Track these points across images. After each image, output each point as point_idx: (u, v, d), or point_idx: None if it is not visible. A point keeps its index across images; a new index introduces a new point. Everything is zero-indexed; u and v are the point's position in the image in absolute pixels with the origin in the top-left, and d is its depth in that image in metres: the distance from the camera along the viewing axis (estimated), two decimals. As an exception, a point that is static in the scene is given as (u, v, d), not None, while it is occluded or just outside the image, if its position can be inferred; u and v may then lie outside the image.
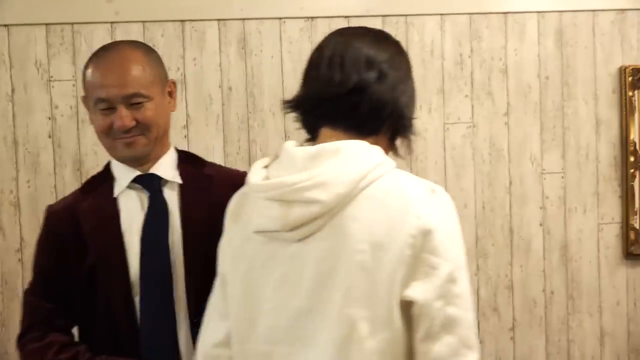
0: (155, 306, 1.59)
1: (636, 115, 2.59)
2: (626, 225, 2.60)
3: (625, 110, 2.59)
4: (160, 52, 2.36)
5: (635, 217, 2.60)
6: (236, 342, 1.36)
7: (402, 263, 1.22)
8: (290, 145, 1.32)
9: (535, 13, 2.56)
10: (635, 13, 2.60)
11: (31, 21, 2.31)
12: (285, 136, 2.43)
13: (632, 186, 2.60)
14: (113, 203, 1.64)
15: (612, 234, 2.61)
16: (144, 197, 1.64)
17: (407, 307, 1.24)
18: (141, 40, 2.37)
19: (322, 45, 1.38)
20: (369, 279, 1.23)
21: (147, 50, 1.67)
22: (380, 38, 1.38)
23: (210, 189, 1.66)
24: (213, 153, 2.41)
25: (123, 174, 1.65)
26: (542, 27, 2.56)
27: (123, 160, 1.63)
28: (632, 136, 2.59)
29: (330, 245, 1.25)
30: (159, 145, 1.65)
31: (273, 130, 2.44)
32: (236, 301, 1.36)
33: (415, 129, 1.36)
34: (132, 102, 1.57)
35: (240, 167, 2.38)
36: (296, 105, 1.37)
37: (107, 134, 1.60)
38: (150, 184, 1.63)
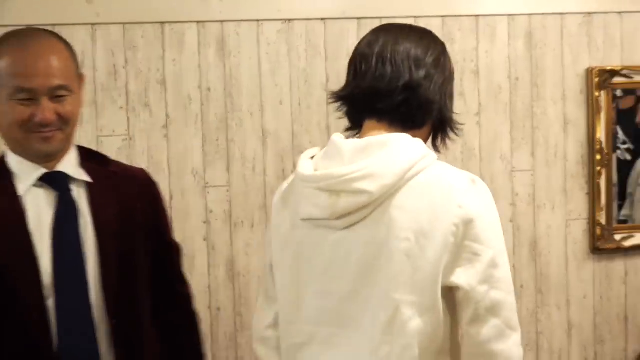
0: (72, 309, 1.51)
1: (602, 115, 2.68)
2: (593, 221, 2.69)
3: (592, 110, 2.67)
4: (140, 53, 2.43)
5: (601, 213, 2.69)
6: (283, 322, 1.45)
7: (445, 251, 1.30)
8: (338, 137, 1.40)
9: (506, 16, 2.63)
10: (601, 16, 2.68)
11: (11, 22, 2.32)
12: (263, 135, 2.48)
13: (599, 183, 2.69)
14: (17, 202, 1.53)
15: (579, 229, 2.70)
16: (52, 195, 1.55)
17: (450, 292, 1.32)
18: (121, 41, 2.42)
19: (370, 41, 1.45)
20: (413, 265, 1.31)
21: (67, 43, 1.60)
22: (428, 37, 1.46)
23: (118, 186, 1.62)
24: (192, 152, 2.46)
25: (25, 171, 1.55)
26: (512, 29, 2.64)
27: (35, 155, 1.54)
28: (598, 135, 2.68)
29: (376, 232, 1.33)
30: (69, 142, 1.59)
31: (251, 130, 2.49)
32: (284, 284, 1.44)
33: (456, 127, 1.47)
34: (56, 94, 1.50)
35: (220, 166, 2.46)
36: (347, 97, 1.44)
37: (22, 127, 1.50)
38: (58, 182, 1.56)
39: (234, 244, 2.49)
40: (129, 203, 1.52)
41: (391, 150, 1.33)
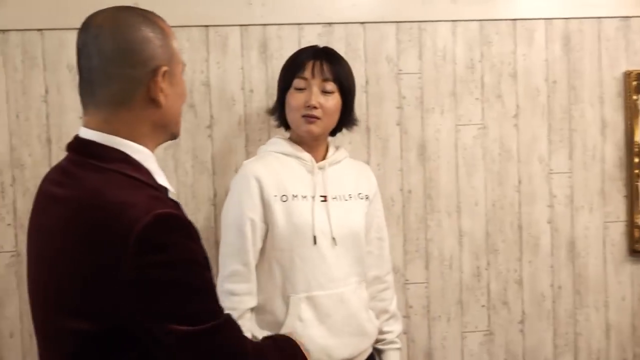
0: None
1: (640, 117, 2.69)
2: (631, 224, 2.70)
3: (630, 113, 2.69)
4: (185, 56, 2.50)
5: (639, 215, 2.69)
6: None
7: None
8: None
9: (543, 20, 2.66)
10: (638, 20, 2.70)
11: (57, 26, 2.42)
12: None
13: (637, 186, 2.70)
14: None
15: (617, 231, 2.71)
16: None
17: None
18: (168, 44, 2.49)
19: None
20: None
21: None
22: None
23: None
24: (236, 152, 2.52)
25: None
26: (549, 33, 2.67)
27: None
28: (636, 138, 2.69)
29: None
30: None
31: (292, 131, 2.54)
32: None
33: None
34: None
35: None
36: None
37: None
38: None
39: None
40: None
41: None
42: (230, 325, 1.37)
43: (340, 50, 2.53)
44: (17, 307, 2.45)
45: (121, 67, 1.38)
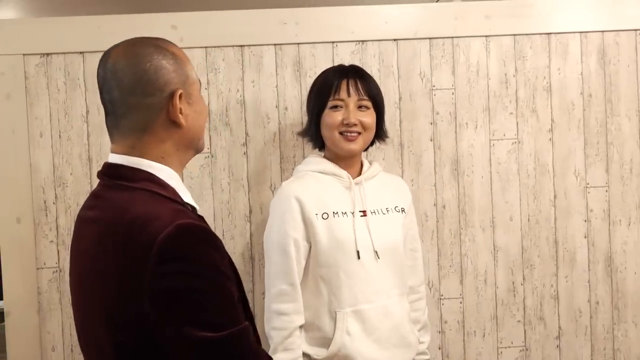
0: None
1: (679, 130, 2.65)
2: (670, 238, 2.66)
3: (668, 126, 2.66)
4: (221, 75, 2.56)
5: (679, 229, 2.65)
6: None
7: None
8: None
9: (578, 33, 2.65)
10: (676, 32, 2.67)
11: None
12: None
13: (676, 199, 2.66)
14: None
15: (656, 246, 2.68)
16: None
17: None
18: (204, 64, 2.56)
19: None
20: None
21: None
22: None
23: None
24: (270, 169, 2.56)
25: None
26: (584, 46, 2.65)
27: None
28: (675, 151, 2.65)
29: None
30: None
31: (326, 147, 2.57)
32: None
33: None
34: None
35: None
36: None
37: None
38: None
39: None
40: None
41: None
42: (246, 335, 1.41)
43: (374, 67, 2.58)
44: (60, 321, 2.52)
45: (140, 96, 1.45)
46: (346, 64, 2.36)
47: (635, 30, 2.67)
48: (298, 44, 2.58)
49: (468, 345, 2.63)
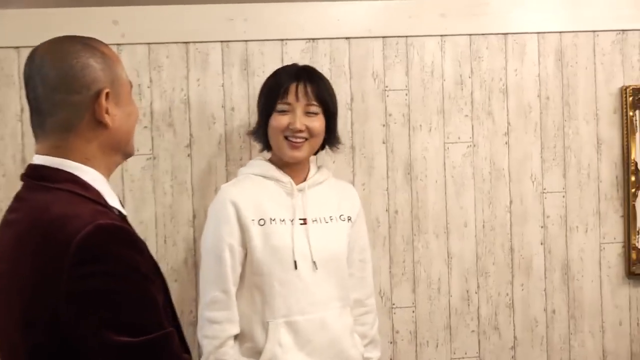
0: None
1: (637, 135, 2.59)
2: (628, 245, 2.60)
3: (627, 130, 2.59)
4: (164, 73, 2.45)
5: (637, 236, 2.59)
6: None
7: None
8: None
9: (536, 34, 2.58)
10: (636, 33, 2.62)
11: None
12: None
13: (634, 206, 2.60)
14: None
15: (614, 253, 2.61)
16: None
17: None
18: (146, 61, 2.44)
19: None
20: None
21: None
22: None
23: None
24: (216, 172, 2.45)
25: None
26: (542, 47, 2.58)
27: None
28: (633, 156, 2.59)
29: None
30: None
31: (275, 150, 2.47)
32: None
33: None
34: None
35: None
36: None
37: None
38: None
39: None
40: None
41: None
42: (170, 341, 1.35)
43: (325, 66, 2.48)
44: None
45: (65, 93, 1.40)
46: (297, 63, 2.27)
47: (594, 31, 2.60)
48: (246, 41, 2.48)
49: (420, 356, 2.54)
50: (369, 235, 2.35)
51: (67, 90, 1.40)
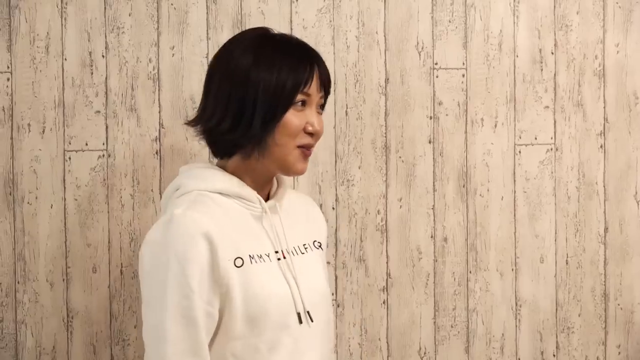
0: None
1: None
2: None
3: None
4: (125, 38, 1.83)
5: None
6: None
7: None
8: None
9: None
10: None
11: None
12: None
13: None
14: None
15: None
16: None
17: None
18: (101, 20, 1.82)
19: None
20: None
21: None
22: None
23: None
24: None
25: None
26: (656, 12, 2.02)
27: None
28: None
29: None
30: None
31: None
32: None
33: None
34: None
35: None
36: None
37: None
38: None
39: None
40: None
41: None
42: None
43: (350, 33, 2.03)
44: None
45: None
46: (309, 27, 1.72)
47: None
48: (236, -5, 1.92)
49: None
50: (406, 271, 1.83)
51: None
